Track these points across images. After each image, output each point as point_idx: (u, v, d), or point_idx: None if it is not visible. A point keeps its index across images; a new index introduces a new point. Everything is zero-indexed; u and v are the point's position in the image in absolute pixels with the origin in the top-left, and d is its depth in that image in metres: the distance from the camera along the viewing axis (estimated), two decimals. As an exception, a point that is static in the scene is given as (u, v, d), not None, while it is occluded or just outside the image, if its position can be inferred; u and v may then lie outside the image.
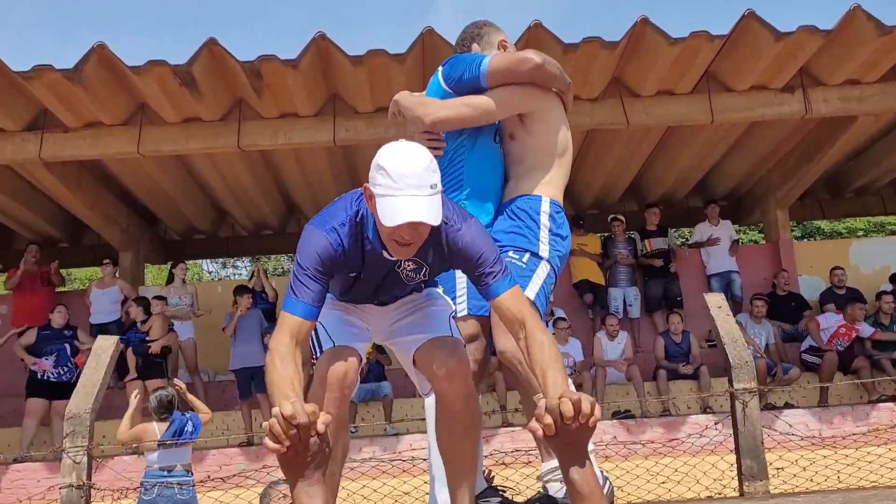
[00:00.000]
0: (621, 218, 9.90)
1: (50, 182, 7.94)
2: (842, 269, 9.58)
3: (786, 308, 9.42)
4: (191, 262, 12.48)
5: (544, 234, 2.93)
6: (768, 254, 10.30)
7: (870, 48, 6.97)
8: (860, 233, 18.55)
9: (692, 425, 7.66)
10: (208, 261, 19.48)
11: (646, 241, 9.77)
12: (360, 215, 2.25)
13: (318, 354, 2.38)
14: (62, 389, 8.09)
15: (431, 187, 2.07)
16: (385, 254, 2.25)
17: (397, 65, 6.84)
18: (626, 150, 9.04)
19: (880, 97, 7.63)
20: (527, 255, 2.89)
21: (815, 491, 3.87)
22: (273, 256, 13.21)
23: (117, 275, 9.66)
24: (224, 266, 22.11)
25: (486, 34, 3.05)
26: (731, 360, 3.32)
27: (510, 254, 2.87)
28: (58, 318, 8.41)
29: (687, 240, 10.80)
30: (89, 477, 3.16)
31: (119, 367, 9.17)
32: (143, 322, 8.13)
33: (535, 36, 6.77)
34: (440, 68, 2.97)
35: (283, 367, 2.06)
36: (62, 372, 8.32)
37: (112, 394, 8.87)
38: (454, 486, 2.45)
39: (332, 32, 6.55)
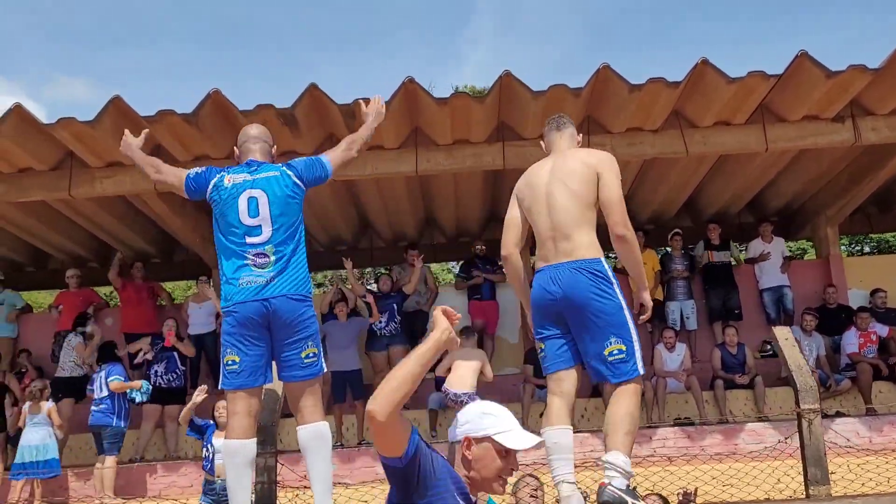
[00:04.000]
0: (681, 233, 10.50)
1: (161, 209, 8.81)
2: (884, 291, 10.07)
3: (836, 321, 9.91)
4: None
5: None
6: (819, 269, 10.80)
7: (916, 84, 7.49)
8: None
9: (749, 432, 8.25)
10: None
11: (708, 252, 10.35)
12: None
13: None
14: (173, 395, 9.01)
15: None
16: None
17: (478, 105, 7.56)
18: (684, 174, 9.62)
19: (926, 126, 8.13)
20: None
21: (870, 494, 4.47)
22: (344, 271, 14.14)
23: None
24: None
25: None
26: (798, 386, 3.95)
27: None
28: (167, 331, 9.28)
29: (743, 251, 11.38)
30: (276, 474, 3.95)
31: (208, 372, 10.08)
32: None
33: (603, 77, 7.42)
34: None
35: None
36: (172, 378, 9.16)
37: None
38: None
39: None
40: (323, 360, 3.72)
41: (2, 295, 10.55)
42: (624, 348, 3.47)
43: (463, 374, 8.05)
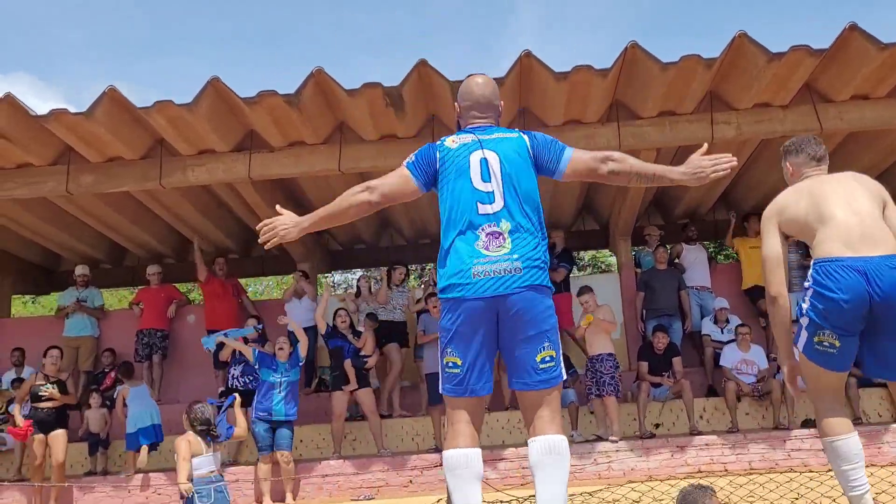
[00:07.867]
0: None
1: (254, 199, 8.35)
2: None
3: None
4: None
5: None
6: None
7: None
8: None
9: (895, 434, 7.55)
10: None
11: None
12: None
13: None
14: (251, 398, 8.49)
15: None
16: None
17: (600, 79, 6.96)
18: (804, 155, 8.92)
19: None
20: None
21: None
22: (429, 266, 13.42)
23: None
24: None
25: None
26: None
27: None
28: None
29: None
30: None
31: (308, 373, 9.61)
32: (356, 336, 8.35)
33: (737, 47, 6.79)
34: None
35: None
36: (248, 381, 8.69)
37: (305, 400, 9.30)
38: None
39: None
40: (562, 364, 3.01)
41: (86, 292, 10.22)
42: None
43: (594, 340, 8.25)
